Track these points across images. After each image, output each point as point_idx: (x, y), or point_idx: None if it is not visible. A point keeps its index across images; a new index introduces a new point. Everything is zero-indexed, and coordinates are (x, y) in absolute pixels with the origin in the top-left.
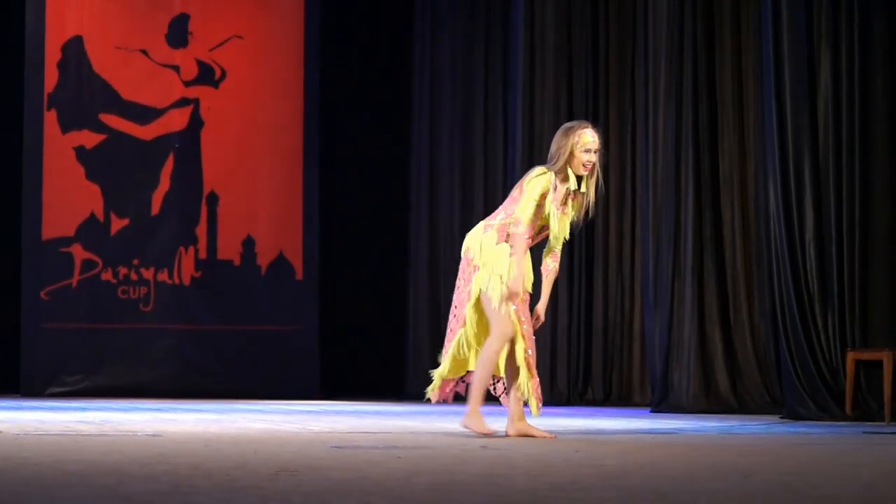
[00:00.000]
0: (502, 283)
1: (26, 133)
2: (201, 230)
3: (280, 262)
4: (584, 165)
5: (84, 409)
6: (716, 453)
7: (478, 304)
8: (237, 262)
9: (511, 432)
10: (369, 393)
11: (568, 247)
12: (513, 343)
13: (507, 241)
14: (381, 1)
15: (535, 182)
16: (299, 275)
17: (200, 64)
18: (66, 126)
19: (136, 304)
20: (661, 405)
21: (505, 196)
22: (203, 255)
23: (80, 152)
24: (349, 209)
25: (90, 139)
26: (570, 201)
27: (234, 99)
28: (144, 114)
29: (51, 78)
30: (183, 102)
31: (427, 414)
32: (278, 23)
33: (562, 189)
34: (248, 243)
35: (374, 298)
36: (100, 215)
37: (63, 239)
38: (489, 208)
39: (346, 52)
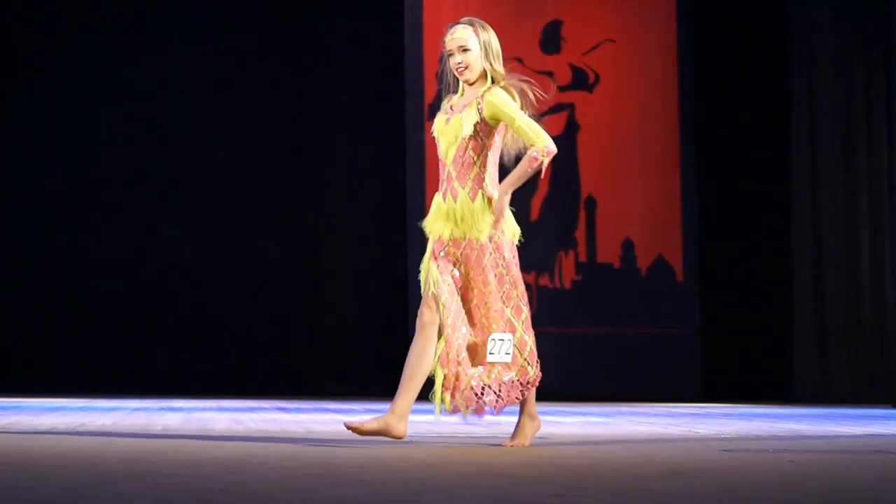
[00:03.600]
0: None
1: (408, 146)
2: (580, 234)
3: (660, 265)
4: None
5: None
6: None
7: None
8: (617, 264)
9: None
10: (754, 395)
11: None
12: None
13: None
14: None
15: None
16: (679, 276)
17: (574, 69)
18: None
19: None
20: None
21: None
22: (583, 258)
23: None
24: (728, 209)
25: None
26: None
27: (608, 103)
28: None
29: (430, 88)
30: (558, 108)
31: (815, 417)
32: (650, 25)
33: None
34: (627, 246)
35: (757, 299)
36: None
37: None
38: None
39: (719, 54)
